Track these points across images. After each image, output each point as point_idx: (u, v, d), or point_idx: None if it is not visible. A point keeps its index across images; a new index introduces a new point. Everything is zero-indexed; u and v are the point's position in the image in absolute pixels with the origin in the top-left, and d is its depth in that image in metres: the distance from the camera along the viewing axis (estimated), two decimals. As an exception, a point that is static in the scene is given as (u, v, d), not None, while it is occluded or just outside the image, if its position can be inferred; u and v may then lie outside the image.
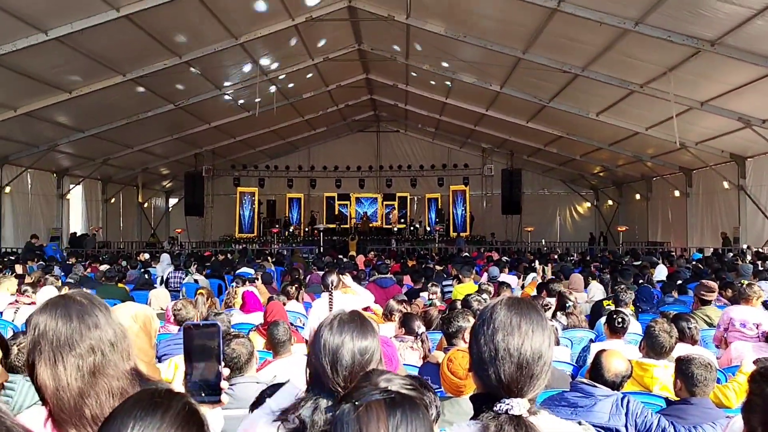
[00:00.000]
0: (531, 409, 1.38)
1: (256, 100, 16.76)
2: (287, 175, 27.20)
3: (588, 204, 28.19)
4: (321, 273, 8.43)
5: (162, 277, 11.10)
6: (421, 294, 7.64)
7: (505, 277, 9.89)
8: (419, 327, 4.29)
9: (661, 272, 11.00)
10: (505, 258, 14.48)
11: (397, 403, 1.08)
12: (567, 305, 5.82)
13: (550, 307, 5.84)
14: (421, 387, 1.19)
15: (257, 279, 8.56)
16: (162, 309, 5.89)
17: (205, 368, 1.43)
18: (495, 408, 1.37)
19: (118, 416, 1.04)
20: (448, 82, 17.49)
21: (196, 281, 9.62)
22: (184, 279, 10.03)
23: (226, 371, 1.46)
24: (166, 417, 1.04)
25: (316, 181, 27.17)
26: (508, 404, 1.36)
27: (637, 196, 23.99)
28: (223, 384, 1.44)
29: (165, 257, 13.70)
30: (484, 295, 5.69)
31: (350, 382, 1.48)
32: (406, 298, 6.16)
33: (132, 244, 24.22)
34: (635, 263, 12.59)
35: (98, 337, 1.38)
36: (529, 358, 1.38)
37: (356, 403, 1.08)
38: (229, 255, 16.39)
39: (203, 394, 1.42)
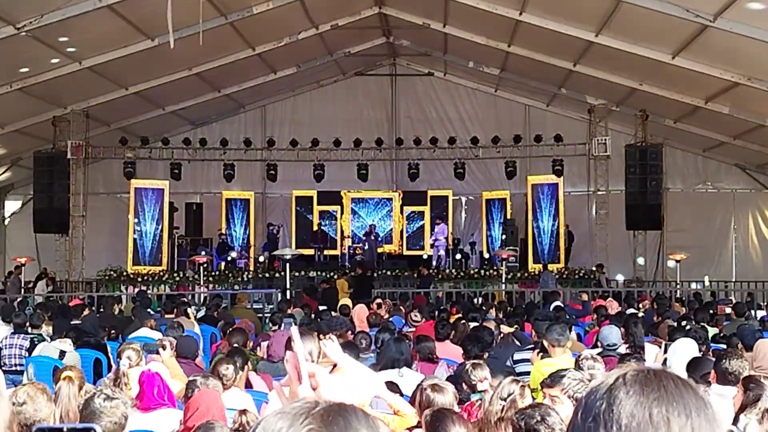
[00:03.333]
0: None
1: (168, 18, 16.89)
2: (224, 158, 27.31)
3: (789, 210, 28.02)
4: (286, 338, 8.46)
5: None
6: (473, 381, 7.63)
7: (631, 346, 9.86)
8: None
9: None
10: (632, 311, 14.37)
11: None
12: (761, 396, 5.84)
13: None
14: None
15: (166, 348, 8.59)
16: (-10, 404, 5.93)
17: None
18: None
19: None
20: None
21: (62, 354, 9.60)
22: (30, 350, 10.03)
23: None
24: None
25: (277, 167, 27.29)
26: None
27: None
28: None
29: (-4, 309, 13.79)
30: (592, 373, 5.67)
31: None
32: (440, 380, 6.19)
33: (-63, 285, 24.43)
34: None
35: None
36: None
37: None
38: (116, 306, 16.48)
39: None
